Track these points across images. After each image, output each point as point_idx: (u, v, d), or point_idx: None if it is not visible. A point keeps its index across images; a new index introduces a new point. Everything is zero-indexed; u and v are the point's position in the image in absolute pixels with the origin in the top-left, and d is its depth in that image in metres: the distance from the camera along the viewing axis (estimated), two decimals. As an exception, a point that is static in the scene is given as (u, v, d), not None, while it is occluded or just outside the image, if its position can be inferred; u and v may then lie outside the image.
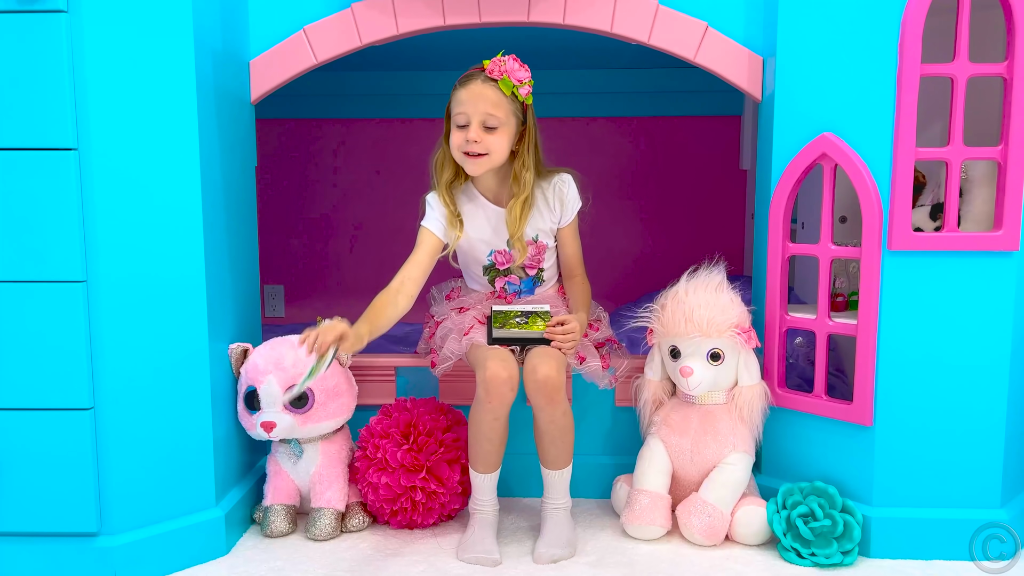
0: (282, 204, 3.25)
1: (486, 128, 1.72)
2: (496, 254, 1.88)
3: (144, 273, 1.60)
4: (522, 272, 1.90)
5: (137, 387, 1.60)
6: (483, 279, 1.92)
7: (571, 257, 1.91)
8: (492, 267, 1.90)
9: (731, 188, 3.19)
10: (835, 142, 1.69)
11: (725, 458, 1.78)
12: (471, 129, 1.72)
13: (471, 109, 1.71)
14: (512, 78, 1.71)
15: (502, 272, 1.90)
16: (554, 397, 1.67)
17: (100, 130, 1.53)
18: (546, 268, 1.92)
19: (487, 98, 1.71)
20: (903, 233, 1.64)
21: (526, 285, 1.92)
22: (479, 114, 1.71)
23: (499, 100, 1.72)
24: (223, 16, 1.79)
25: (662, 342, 1.84)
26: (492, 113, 1.71)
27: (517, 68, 1.72)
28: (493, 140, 1.73)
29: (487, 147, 1.73)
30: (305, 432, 1.81)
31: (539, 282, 1.93)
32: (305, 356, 1.56)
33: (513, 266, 1.87)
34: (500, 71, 1.71)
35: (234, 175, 1.87)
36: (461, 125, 1.74)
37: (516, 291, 1.92)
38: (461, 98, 1.72)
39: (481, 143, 1.73)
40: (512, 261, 1.87)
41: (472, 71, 1.76)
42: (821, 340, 1.77)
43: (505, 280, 1.91)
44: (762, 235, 1.87)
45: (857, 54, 1.65)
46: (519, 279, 1.91)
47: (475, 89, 1.71)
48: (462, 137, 1.74)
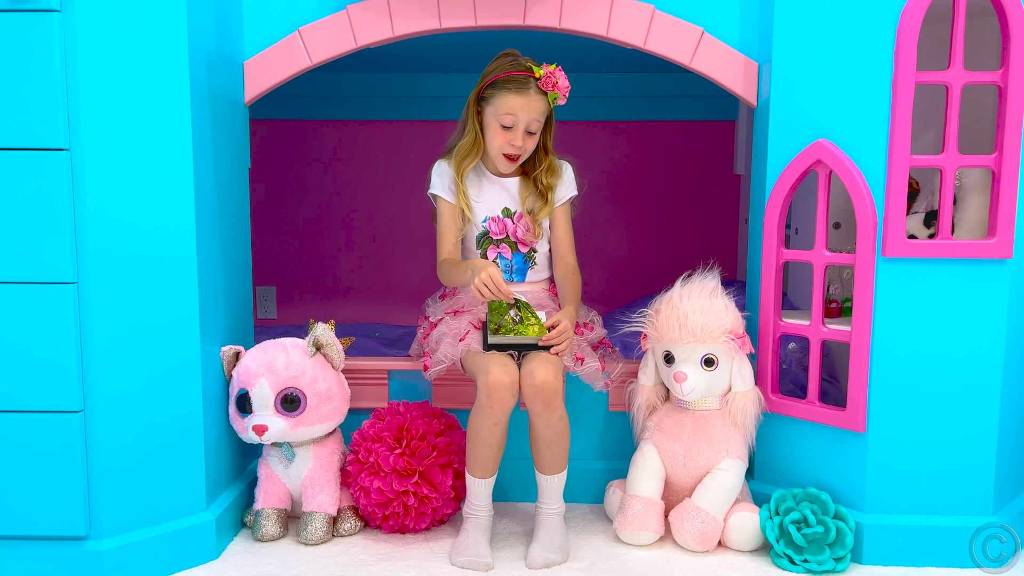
0: (274, 205, 3.24)
1: (528, 133, 1.82)
2: (490, 221, 1.90)
3: (135, 275, 1.59)
4: (514, 246, 1.91)
5: (128, 390, 1.59)
6: (476, 252, 1.93)
7: (561, 240, 1.93)
8: (485, 235, 1.91)
9: (725, 193, 3.19)
10: (830, 148, 1.69)
11: (718, 464, 1.78)
12: (517, 135, 1.81)
13: (523, 116, 1.79)
14: (562, 94, 1.80)
15: (495, 242, 1.91)
16: (551, 402, 1.67)
17: (92, 130, 1.51)
18: (539, 251, 1.94)
19: (538, 108, 1.80)
20: (897, 240, 1.64)
21: (517, 262, 1.93)
22: (527, 121, 1.80)
23: (545, 109, 1.82)
24: (217, 17, 1.78)
25: (656, 347, 1.83)
26: (538, 120, 1.82)
27: (566, 86, 1.80)
28: (530, 143, 1.84)
29: (525, 149, 1.84)
30: (297, 436, 1.80)
31: (530, 263, 1.93)
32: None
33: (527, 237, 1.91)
34: (554, 86, 1.78)
35: (227, 176, 1.86)
36: (507, 127, 1.81)
37: (507, 268, 1.92)
38: (514, 105, 1.78)
39: (522, 145, 1.82)
40: (505, 230, 1.90)
41: (524, 75, 1.78)
42: (815, 346, 1.77)
43: (497, 252, 1.92)
44: (756, 241, 1.87)
45: (852, 61, 1.66)
46: (511, 252, 1.92)
47: (530, 100, 1.78)
48: (506, 139, 1.82)
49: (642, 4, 1.89)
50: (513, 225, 1.90)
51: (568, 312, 1.81)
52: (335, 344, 1.83)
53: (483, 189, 1.91)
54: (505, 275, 1.92)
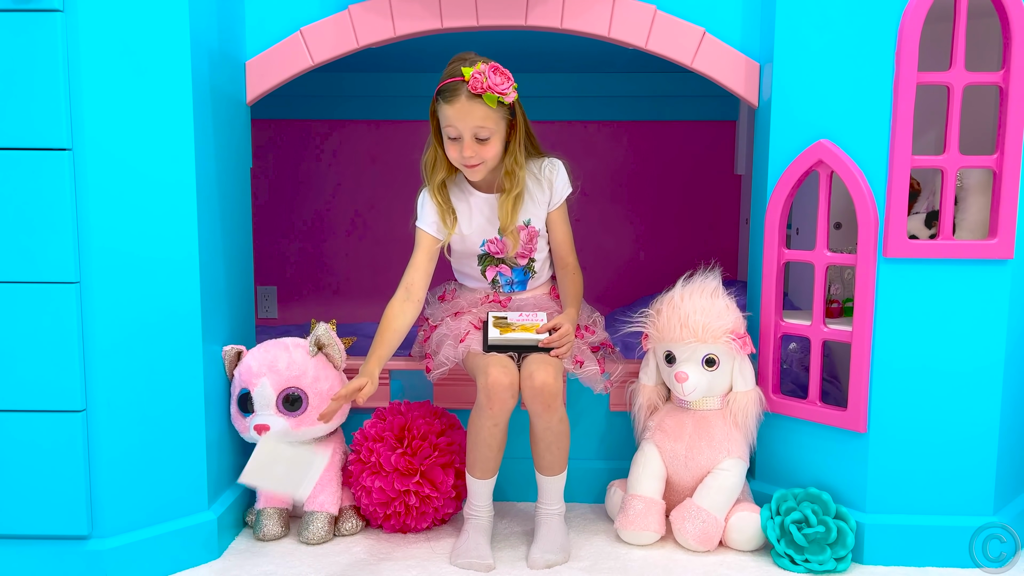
0: (275, 205, 3.24)
1: (478, 140, 1.72)
2: (489, 243, 1.88)
3: (138, 274, 1.59)
4: (514, 261, 1.90)
5: (130, 389, 1.59)
6: (477, 270, 1.92)
7: (561, 243, 1.90)
8: (486, 256, 1.90)
9: (726, 193, 3.19)
10: (831, 149, 1.69)
11: (719, 464, 1.78)
12: (465, 145, 1.72)
13: (461, 125, 1.70)
14: (495, 92, 1.68)
15: (495, 261, 1.90)
16: (551, 404, 1.67)
17: (95, 130, 1.52)
18: (538, 259, 1.92)
19: (475, 114, 1.69)
20: (898, 240, 1.65)
21: (517, 275, 1.92)
22: (469, 129, 1.71)
23: (487, 113, 1.70)
24: (219, 16, 1.78)
25: (657, 347, 1.84)
26: (482, 126, 1.71)
27: (499, 81, 1.68)
28: (486, 149, 1.74)
29: (481, 156, 1.74)
30: (298, 435, 1.80)
31: (530, 273, 1.92)
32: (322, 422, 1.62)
33: (507, 256, 1.87)
34: (483, 87, 1.67)
35: (229, 176, 1.86)
36: (453, 138, 1.74)
37: (508, 282, 1.92)
38: (448, 115, 1.70)
39: (476, 154, 1.73)
40: (506, 250, 1.87)
41: (454, 82, 1.69)
42: (816, 347, 1.77)
43: (497, 270, 1.91)
44: (757, 241, 1.87)
45: (854, 61, 1.66)
46: (511, 269, 1.91)
47: (462, 106, 1.69)
48: (456, 150, 1.74)
49: (644, 4, 1.89)
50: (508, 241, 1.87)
51: (569, 314, 1.81)
52: (337, 344, 1.84)
53: (473, 209, 1.86)
54: (506, 288, 1.93)
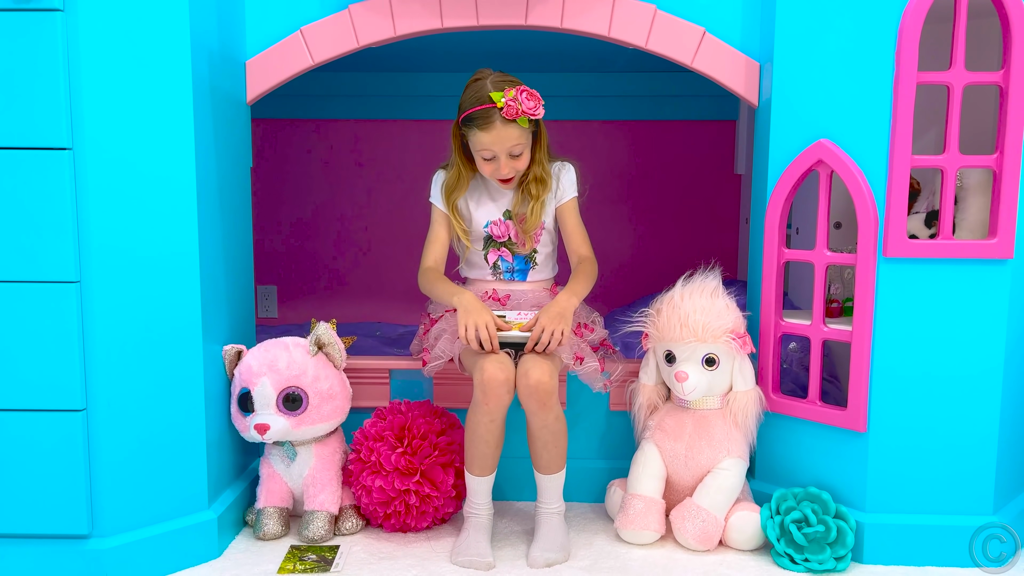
0: (275, 204, 3.24)
1: (512, 156, 1.81)
2: (492, 224, 1.91)
3: (138, 274, 1.59)
4: (515, 247, 1.92)
5: (130, 388, 1.59)
6: (480, 255, 1.94)
7: (573, 236, 1.91)
8: (488, 238, 1.93)
9: (725, 193, 3.19)
10: (831, 148, 1.69)
11: (719, 463, 1.78)
12: (502, 164, 1.81)
13: (497, 148, 1.79)
14: (530, 115, 1.77)
15: (496, 245, 1.93)
16: (546, 402, 1.67)
17: (95, 130, 1.52)
18: (540, 253, 1.94)
19: (510, 137, 1.78)
20: (898, 240, 1.65)
21: (519, 263, 1.94)
22: (505, 150, 1.79)
23: (520, 133, 1.79)
24: (219, 16, 1.78)
25: (657, 347, 1.84)
26: (517, 143, 1.80)
27: (532, 106, 1.76)
28: (519, 163, 1.84)
29: (516, 169, 1.84)
30: (299, 435, 1.80)
31: (531, 264, 1.94)
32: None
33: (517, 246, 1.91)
34: (517, 112, 1.75)
35: (229, 175, 1.86)
36: (487, 159, 1.82)
37: (509, 269, 1.93)
38: (484, 141, 1.78)
39: (511, 170, 1.83)
40: (507, 233, 1.91)
41: (486, 108, 1.75)
42: (816, 346, 1.77)
43: (499, 254, 1.93)
44: (757, 241, 1.87)
45: (854, 61, 1.66)
46: (512, 255, 1.92)
47: (498, 133, 1.77)
48: (492, 168, 1.83)
49: (644, 4, 1.89)
50: (515, 228, 1.90)
51: (558, 300, 1.76)
52: (337, 343, 1.84)
53: (484, 193, 1.93)
54: (506, 275, 1.93)
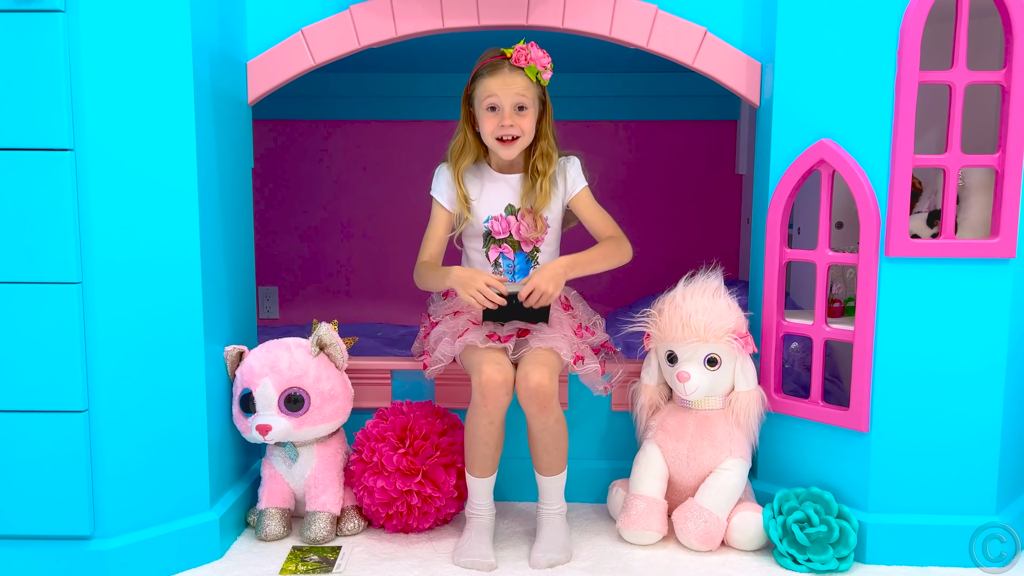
0: (276, 205, 3.23)
1: (518, 110, 1.80)
2: (493, 220, 1.89)
3: (139, 275, 1.59)
4: (516, 245, 1.90)
5: (132, 390, 1.59)
6: (481, 252, 1.92)
7: (595, 221, 1.91)
8: (488, 235, 1.91)
9: (727, 193, 3.19)
10: (833, 148, 1.69)
11: (721, 463, 1.78)
12: (505, 114, 1.79)
13: (503, 94, 1.78)
14: (538, 65, 1.79)
15: (497, 241, 1.91)
16: (547, 404, 1.67)
17: (96, 131, 1.52)
18: (543, 251, 1.92)
19: (517, 84, 1.78)
20: (900, 240, 1.64)
21: (520, 261, 1.92)
22: (511, 98, 1.79)
23: (527, 85, 1.80)
24: (221, 17, 1.78)
25: (659, 347, 1.84)
26: (523, 95, 1.79)
27: (541, 55, 1.79)
28: (525, 122, 1.81)
29: (521, 129, 1.81)
30: (300, 435, 1.80)
31: (533, 262, 1.92)
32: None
33: (530, 234, 1.89)
34: (527, 59, 1.78)
35: (230, 176, 1.86)
36: (492, 108, 1.80)
37: (510, 267, 1.92)
38: (490, 86, 1.79)
39: (515, 125, 1.80)
40: (508, 229, 1.89)
41: (495, 59, 1.80)
42: (818, 346, 1.77)
43: (500, 251, 1.91)
44: (759, 241, 1.87)
45: (855, 60, 1.66)
46: (514, 252, 1.91)
47: (504, 77, 1.78)
48: (495, 122, 1.81)
49: (645, 4, 1.89)
50: (516, 223, 1.89)
51: (557, 262, 1.77)
52: (338, 343, 1.84)
53: (485, 188, 1.90)
54: (507, 275, 1.92)
